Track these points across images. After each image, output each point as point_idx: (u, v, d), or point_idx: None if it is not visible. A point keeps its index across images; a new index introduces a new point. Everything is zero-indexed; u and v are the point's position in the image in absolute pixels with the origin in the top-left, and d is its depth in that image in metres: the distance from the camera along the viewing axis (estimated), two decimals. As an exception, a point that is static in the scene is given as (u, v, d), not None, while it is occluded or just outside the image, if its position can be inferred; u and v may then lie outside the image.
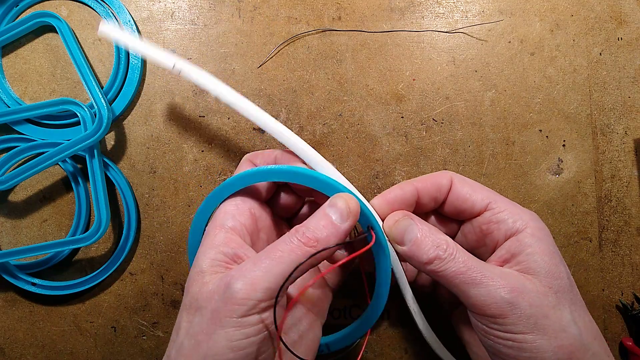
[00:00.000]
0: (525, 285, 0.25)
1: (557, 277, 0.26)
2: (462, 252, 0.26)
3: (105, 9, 0.40)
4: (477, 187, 0.30)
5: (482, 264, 0.26)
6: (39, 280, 0.39)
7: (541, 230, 0.27)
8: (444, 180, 0.30)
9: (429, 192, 0.30)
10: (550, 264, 0.26)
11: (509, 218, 0.28)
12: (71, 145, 0.37)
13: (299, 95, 0.40)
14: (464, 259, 0.26)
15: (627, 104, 0.40)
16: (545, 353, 0.24)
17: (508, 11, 0.40)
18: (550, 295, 0.25)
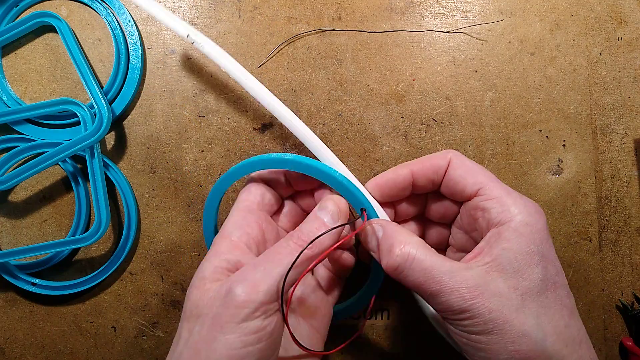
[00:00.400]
0: (487, 287, 0.24)
1: (527, 279, 0.25)
2: (421, 260, 0.26)
3: (105, 9, 0.40)
4: (473, 170, 0.29)
5: (442, 270, 0.25)
6: (39, 280, 0.39)
7: (527, 226, 0.26)
8: (441, 161, 0.30)
9: (426, 175, 0.30)
10: (522, 263, 0.25)
11: (495, 208, 0.27)
12: (71, 145, 0.37)
13: (299, 95, 0.40)
14: (422, 267, 0.25)
15: (627, 104, 0.40)
16: (500, 356, 0.24)
17: (508, 11, 0.40)
18: (514, 298, 0.24)
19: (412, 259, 0.26)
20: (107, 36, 0.40)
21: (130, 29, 0.39)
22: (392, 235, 0.27)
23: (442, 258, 0.26)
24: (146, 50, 0.40)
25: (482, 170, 0.29)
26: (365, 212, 0.29)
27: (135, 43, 0.39)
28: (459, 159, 0.30)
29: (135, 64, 0.39)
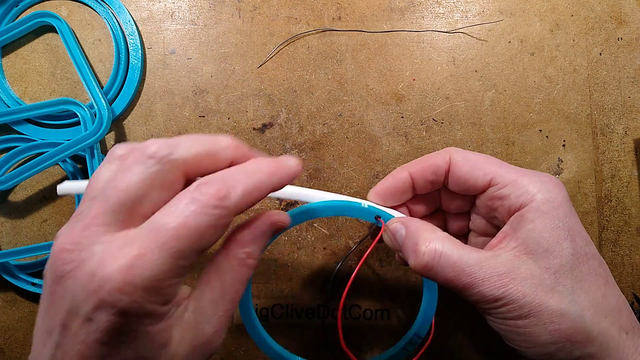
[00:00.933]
0: (519, 272, 0.24)
1: (558, 256, 0.24)
2: (448, 255, 0.25)
3: (105, 9, 0.40)
4: (478, 162, 0.28)
5: (471, 263, 0.24)
6: (39, 280, 0.39)
7: (548, 203, 0.25)
8: (440, 161, 0.29)
9: (424, 177, 0.29)
10: (550, 241, 0.24)
11: (513, 192, 0.26)
12: (71, 145, 0.37)
13: (299, 95, 0.40)
14: (451, 262, 0.25)
15: (627, 104, 0.40)
16: (540, 337, 0.23)
17: (508, 11, 0.40)
18: (547, 277, 0.24)
19: (439, 255, 0.25)
20: (107, 36, 0.40)
21: (130, 29, 0.39)
22: (415, 232, 0.27)
23: (469, 249, 0.25)
24: (146, 50, 0.40)
25: (487, 158, 0.28)
26: (380, 219, 0.29)
27: (135, 43, 0.39)
28: (460, 155, 0.28)
29: (135, 64, 0.39)
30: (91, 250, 0.20)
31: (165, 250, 0.19)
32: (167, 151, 0.21)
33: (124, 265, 0.19)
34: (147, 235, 0.19)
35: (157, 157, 0.21)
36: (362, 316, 0.39)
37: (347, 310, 0.39)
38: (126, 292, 0.19)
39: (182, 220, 0.19)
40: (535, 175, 0.26)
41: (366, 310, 0.39)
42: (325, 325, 0.39)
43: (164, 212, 0.20)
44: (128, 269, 0.19)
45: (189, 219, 0.20)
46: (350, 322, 0.39)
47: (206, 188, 0.20)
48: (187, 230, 0.19)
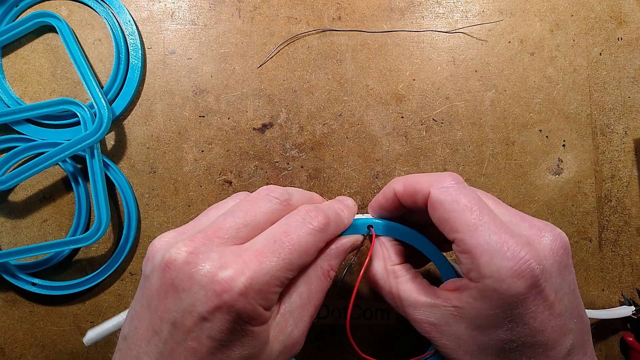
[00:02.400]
0: (449, 328, 0.25)
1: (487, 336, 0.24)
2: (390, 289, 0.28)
3: (105, 9, 0.40)
4: (451, 214, 0.24)
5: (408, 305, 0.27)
6: (39, 280, 0.39)
7: (494, 292, 0.23)
8: (418, 195, 0.26)
9: (406, 201, 0.28)
10: (484, 322, 0.24)
11: (466, 264, 0.24)
12: (71, 145, 0.37)
13: (299, 95, 0.40)
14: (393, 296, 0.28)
15: (627, 104, 0.40)
16: None
17: (508, 11, 0.40)
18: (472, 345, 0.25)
19: (376, 281, 0.28)
20: (107, 36, 0.40)
21: (130, 29, 0.39)
22: (374, 251, 0.29)
23: (413, 290, 0.27)
24: (146, 50, 0.40)
25: (465, 210, 0.24)
26: (372, 228, 0.30)
27: (135, 43, 0.39)
28: (439, 197, 0.25)
29: (135, 64, 0.39)
30: (208, 256, 0.22)
31: (281, 260, 0.22)
32: (287, 197, 0.26)
33: (245, 269, 0.21)
34: (266, 245, 0.23)
35: (281, 199, 0.26)
36: (362, 316, 0.39)
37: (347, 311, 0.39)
38: (245, 295, 0.21)
39: (297, 238, 0.23)
40: (500, 253, 0.23)
41: (366, 310, 0.39)
42: (327, 325, 0.39)
43: (280, 228, 0.24)
44: (250, 271, 0.21)
45: (301, 238, 0.24)
46: (350, 322, 0.39)
47: (315, 214, 0.25)
48: (299, 246, 0.23)
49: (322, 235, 0.25)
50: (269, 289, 0.22)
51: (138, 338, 0.22)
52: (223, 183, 0.40)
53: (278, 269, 0.22)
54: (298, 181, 0.39)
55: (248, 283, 0.21)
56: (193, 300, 0.21)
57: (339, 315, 0.39)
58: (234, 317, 0.21)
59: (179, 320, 0.21)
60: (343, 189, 0.39)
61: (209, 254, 0.22)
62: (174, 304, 0.22)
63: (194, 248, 0.22)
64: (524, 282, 0.22)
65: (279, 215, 0.25)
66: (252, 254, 0.22)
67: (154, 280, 0.23)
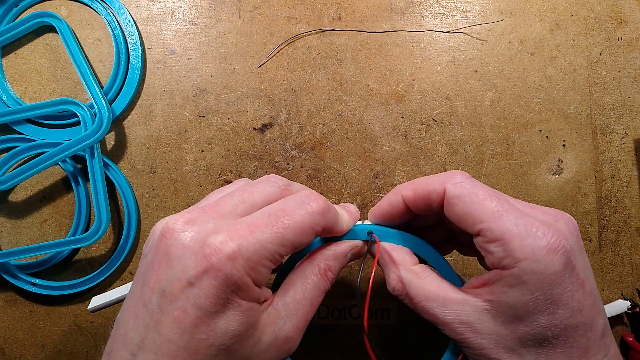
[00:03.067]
0: (483, 325, 0.24)
1: (528, 325, 0.23)
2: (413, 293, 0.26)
3: (105, 9, 0.40)
4: (472, 206, 0.24)
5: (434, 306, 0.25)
6: (39, 280, 0.39)
7: (531, 274, 0.22)
8: (433, 195, 0.26)
9: (417, 205, 0.27)
10: (523, 310, 0.23)
11: (497, 252, 0.23)
12: (71, 145, 0.37)
13: (299, 95, 0.40)
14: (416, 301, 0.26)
15: (627, 104, 0.40)
16: None
17: (508, 11, 0.40)
18: (511, 340, 0.23)
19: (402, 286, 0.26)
20: (107, 36, 0.40)
21: (130, 29, 0.39)
22: (388, 257, 0.28)
23: (437, 287, 0.25)
24: (146, 50, 0.40)
25: (485, 200, 0.24)
26: (373, 234, 0.29)
27: (135, 43, 0.39)
28: (457, 191, 0.25)
29: (135, 64, 0.39)
30: (203, 226, 0.22)
31: (273, 233, 0.22)
32: (287, 183, 0.26)
33: (236, 236, 0.21)
34: (261, 219, 0.22)
35: (280, 184, 0.26)
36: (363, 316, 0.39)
37: (348, 310, 0.39)
38: (233, 260, 0.21)
39: (292, 214, 0.23)
40: (532, 234, 0.23)
41: (366, 310, 0.39)
42: (328, 325, 0.39)
43: (277, 205, 0.24)
44: (240, 238, 0.21)
45: (297, 216, 0.23)
46: (350, 322, 0.39)
47: (315, 197, 0.24)
48: (293, 222, 0.23)
49: (319, 218, 0.24)
50: (259, 260, 0.22)
51: (127, 315, 0.22)
52: (223, 183, 0.40)
53: (269, 241, 0.22)
54: (298, 181, 0.39)
55: (237, 248, 0.21)
56: (183, 265, 0.21)
57: (339, 315, 0.39)
58: (221, 283, 0.21)
59: (167, 288, 0.21)
60: (343, 189, 0.39)
61: (204, 225, 0.22)
62: (165, 272, 0.21)
63: (190, 219, 0.22)
64: (559, 258, 0.22)
65: (277, 198, 0.25)
66: (245, 224, 0.22)
67: (150, 255, 0.23)
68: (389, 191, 0.39)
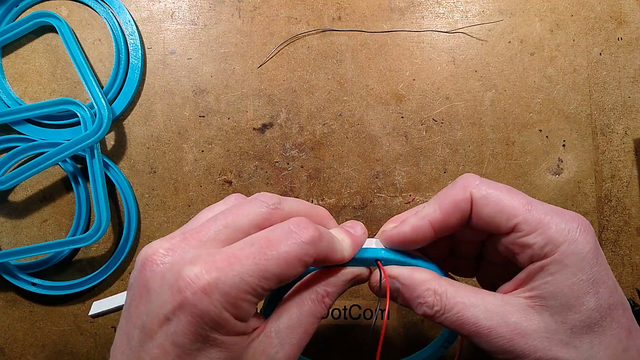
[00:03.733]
0: (531, 323, 0.22)
1: (577, 312, 0.22)
2: (451, 303, 0.24)
3: (105, 9, 0.40)
4: (501, 203, 0.24)
5: (476, 313, 0.23)
6: (39, 280, 0.39)
7: (573, 255, 0.22)
8: (463, 204, 0.24)
9: (448, 224, 0.25)
10: (569, 296, 0.22)
11: (537, 242, 0.23)
12: (71, 145, 0.37)
13: (299, 95, 0.40)
14: (455, 310, 0.23)
15: (627, 104, 0.40)
16: None
17: (508, 11, 0.40)
18: (563, 332, 0.22)
19: (440, 307, 0.24)
20: (107, 36, 0.40)
21: (130, 29, 0.39)
22: (411, 285, 0.25)
23: (474, 293, 0.24)
24: (146, 50, 0.40)
25: (511, 196, 0.24)
26: (380, 263, 0.26)
27: (135, 43, 0.39)
28: (482, 192, 0.24)
29: (135, 64, 0.39)
30: (182, 256, 0.21)
31: (255, 265, 0.20)
32: (277, 201, 0.24)
33: (213, 268, 0.20)
34: (242, 249, 0.21)
35: (268, 203, 0.23)
36: (362, 316, 0.39)
37: (347, 310, 0.39)
38: (208, 294, 0.19)
39: (277, 244, 0.21)
40: (562, 218, 0.23)
41: (366, 310, 0.39)
42: (327, 325, 0.39)
43: (262, 234, 0.22)
44: (218, 271, 0.20)
45: (283, 246, 0.21)
46: (350, 321, 0.39)
47: (305, 225, 0.22)
48: (278, 253, 0.21)
49: (308, 248, 0.22)
50: (238, 295, 0.20)
51: (116, 349, 0.22)
52: (223, 183, 0.40)
53: (250, 274, 0.20)
54: (298, 181, 0.39)
55: (213, 281, 0.19)
56: (161, 300, 0.20)
57: (339, 315, 0.39)
58: (197, 320, 0.19)
59: (147, 324, 0.20)
60: (343, 189, 0.39)
61: (183, 254, 0.21)
62: (145, 306, 0.20)
63: (170, 248, 0.21)
64: (591, 237, 0.23)
65: (265, 219, 0.23)
66: (224, 255, 0.20)
67: (134, 286, 0.22)
68: (388, 188, 0.39)
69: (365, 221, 0.39)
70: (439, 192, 0.25)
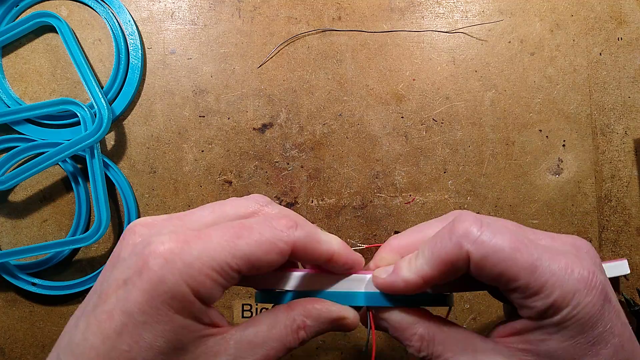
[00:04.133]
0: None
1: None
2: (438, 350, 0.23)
3: (105, 9, 0.40)
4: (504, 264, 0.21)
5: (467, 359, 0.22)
6: (39, 280, 0.39)
7: (574, 319, 0.21)
8: (458, 263, 0.22)
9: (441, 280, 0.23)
10: (565, 358, 0.21)
11: (537, 306, 0.21)
12: (71, 145, 0.37)
13: (299, 95, 0.40)
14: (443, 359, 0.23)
15: (627, 104, 0.40)
16: None
17: (508, 11, 0.40)
18: None
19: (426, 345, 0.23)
20: (107, 36, 0.40)
21: (130, 29, 0.39)
22: (399, 328, 0.24)
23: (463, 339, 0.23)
24: (146, 50, 0.40)
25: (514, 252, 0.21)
26: (372, 313, 0.25)
27: (135, 43, 0.39)
28: (481, 252, 0.21)
29: (135, 64, 0.39)
30: (160, 230, 0.21)
31: (225, 242, 0.20)
32: (268, 202, 0.23)
33: (181, 240, 0.19)
34: (216, 229, 0.20)
35: (261, 201, 0.23)
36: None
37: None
38: (169, 261, 0.19)
39: (250, 227, 0.21)
40: (570, 277, 0.21)
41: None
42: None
43: (241, 220, 0.21)
44: (184, 243, 0.19)
45: (256, 229, 0.21)
46: (350, 322, 0.39)
47: (281, 215, 0.22)
48: (251, 234, 0.20)
49: (283, 234, 0.21)
50: (202, 268, 0.19)
51: (71, 316, 0.21)
52: (223, 183, 0.40)
53: (219, 250, 0.19)
54: (298, 181, 0.39)
55: (177, 250, 0.19)
56: (124, 266, 0.20)
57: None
58: (152, 286, 0.18)
59: (105, 289, 0.19)
60: (343, 189, 0.39)
61: (162, 229, 0.21)
62: (110, 272, 0.20)
63: (150, 223, 0.21)
64: (598, 296, 0.21)
65: (252, 213, 0.23)
66: (197, 232, 0.20)
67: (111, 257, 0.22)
68: (388, 188, 0.39)
69: (365, 221, 0.39)
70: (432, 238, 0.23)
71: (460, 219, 0.22)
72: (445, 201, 0.39)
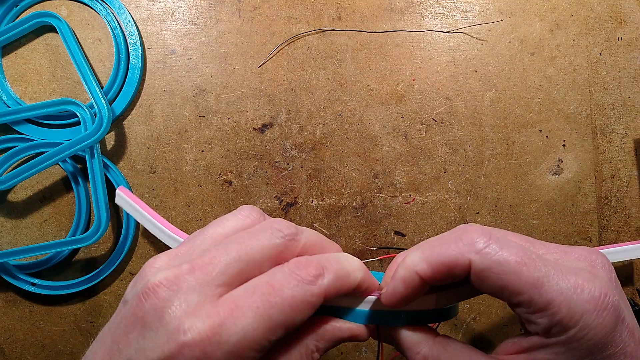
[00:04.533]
0: None
1: None
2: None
3: (105, 9, 0.40)
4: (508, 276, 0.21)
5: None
6: (39, 280, 0.39)
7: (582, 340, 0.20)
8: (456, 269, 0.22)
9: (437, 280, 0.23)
10: None
11: (543, 323, 0.21)
12: (71, 145, 0.37)
13: (299, 95, 0.40)
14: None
15: (627, 104, 0.40)
16: None
17: (508, 11, 0.40)
18: None
19: None
20: (107, 36, 0.40)
21: (130, 29, 0.39)
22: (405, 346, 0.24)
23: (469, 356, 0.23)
24: (146, 50, 0.40)
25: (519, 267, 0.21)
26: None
27: (135, 43, 0.39)
28: (485, 264, 0.21)
29: (135, 64, 0.39)
30: (186, 297, 0.20)
31: (259, 316, 0.19)
32: (294, 231, 0.22)
33: (216, 323, 0.19)
34: (244, 297, 0.20)
35: (285, 233, 0.22)
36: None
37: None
38: (208, 354, 0.18)
39: (279, 288, 0.20)
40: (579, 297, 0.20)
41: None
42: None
43: (264, 278, 0.21)
44: (219, 326, 0.19)
45: (286, 290, 0.20)
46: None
47: (305, 263, 0.21)
48: (282, 299, 0.20)
49: (314, 288, 0.21)
50: (242, 353, 0.19)
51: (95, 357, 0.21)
52: (223, 183, 0.40)
53: (255, 327, 0.19)
54: (298, 181, 0.39)
55: (215, 340, 0.18)
56: (154, 342, 0.19)
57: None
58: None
59: (133, 358, 0.19)
60: (343, 189, 0.39)
61: (188, 295, 0.20)
62: (137, 340, 0.19)
63: (174, 281, 0.20)
64: (610, 316, 0.21)
65: (280, 252, 0.22)
66: (227, 308, 0.19)
67: (129, 308, 0.21)
68: (388, 188, 0.39)
69: (365, 221, 0.39)
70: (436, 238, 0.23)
71: (470, 229, 0.22)
72: (445, 201, 0.39)
